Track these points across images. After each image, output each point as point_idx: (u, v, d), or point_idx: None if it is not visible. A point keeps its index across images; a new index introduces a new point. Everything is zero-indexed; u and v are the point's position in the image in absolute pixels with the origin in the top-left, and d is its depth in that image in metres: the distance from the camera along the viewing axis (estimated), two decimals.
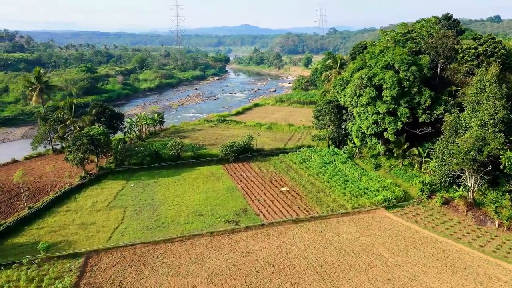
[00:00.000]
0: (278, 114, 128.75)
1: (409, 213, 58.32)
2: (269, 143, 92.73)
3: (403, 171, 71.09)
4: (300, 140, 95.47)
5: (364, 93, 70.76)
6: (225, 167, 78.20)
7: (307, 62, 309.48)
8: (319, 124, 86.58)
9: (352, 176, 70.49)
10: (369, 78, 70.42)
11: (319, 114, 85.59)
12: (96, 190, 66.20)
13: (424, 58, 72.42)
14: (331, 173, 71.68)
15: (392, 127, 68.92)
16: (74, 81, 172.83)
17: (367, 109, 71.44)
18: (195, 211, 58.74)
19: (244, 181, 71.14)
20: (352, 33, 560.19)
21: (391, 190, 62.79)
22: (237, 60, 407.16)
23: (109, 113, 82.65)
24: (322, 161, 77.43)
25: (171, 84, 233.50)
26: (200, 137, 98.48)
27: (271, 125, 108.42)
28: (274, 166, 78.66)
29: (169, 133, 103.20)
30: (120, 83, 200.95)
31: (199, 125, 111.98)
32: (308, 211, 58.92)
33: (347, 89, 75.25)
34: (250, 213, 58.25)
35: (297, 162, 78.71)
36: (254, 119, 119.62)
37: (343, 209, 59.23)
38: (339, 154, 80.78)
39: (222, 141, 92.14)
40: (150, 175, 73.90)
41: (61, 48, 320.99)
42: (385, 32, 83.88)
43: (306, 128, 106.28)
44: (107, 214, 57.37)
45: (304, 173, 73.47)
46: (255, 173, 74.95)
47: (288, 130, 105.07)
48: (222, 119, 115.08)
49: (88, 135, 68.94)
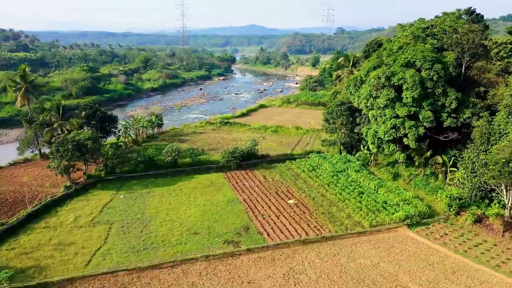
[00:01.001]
0: (285, 116, 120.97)
1: (435, 232, 50.32)
2: (275, 148, 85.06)
3: (425, 182, 63.05)
4: (308, 145, 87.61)
5: (382, 94, 62.84)
6: (226, 175, 70.67)
7: (315, 62, 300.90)
8: (329, 128, 78.71)
9: (368, 187, 62.58)
10: (387, 78, 62.48)
11: (329, 117, 77.73)
12: (81, 202, 58.92)
13: (449, 55, 64.33)
14: (344, 183, 63.84)
15: (413, 133, 60.89)
16: (74, 81, 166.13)
17: (384, 112, 63.49)
18: (190, 228, 51.23)
19: (247, 191, 63.52)
20: (360, 32, 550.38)
21: (413, 205, 54.80)
22: (243, 60, 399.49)
23: (100, 116, 75.35)
24: (334, 169, 69.61)
25: (175, 84, 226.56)
26: (201, 141, 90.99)
27: (277, 128, 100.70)
28: (281, 174, 70.95)
29: (168, 136, 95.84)
30: (122, 83, 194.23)
31: (201, 127, 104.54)
32: (319, 229, 51.13)
33: (362, 90, 67.36)
34: (253, 232, 50.60)
35: (305, 170, 70.94)
36: (260, 121, 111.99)
37: (359, 227, 51.38)
38: (352, 161, 72.86)
39: (224, 146, 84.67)
40: (143, 184, 66.52)
41: (65, 47, 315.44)
42: (403, 27, 75.91)
43: (315, 131, 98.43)
44: (90, 232, 50.01)
45: (313, 183, 65.71)
46: (259, 183, 67.29)
47: (295, 133, 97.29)
48: (225, 122, 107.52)
49: (74, 140, 61.76)
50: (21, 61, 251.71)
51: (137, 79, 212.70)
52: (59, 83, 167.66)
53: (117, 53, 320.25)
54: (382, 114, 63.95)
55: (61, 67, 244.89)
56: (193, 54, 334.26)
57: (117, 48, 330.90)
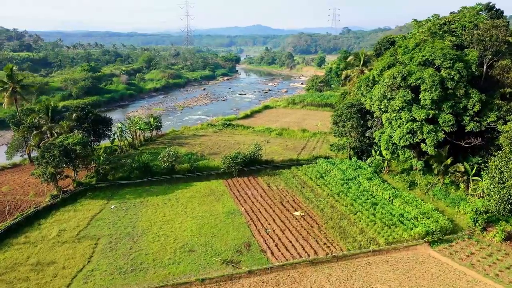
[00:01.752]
0: (290, 117, 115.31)
1: (460, 251, 44.52)
2: (280, 152, 79.47)
3: (445, 192, 57.17)
4: (315, 149, 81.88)
5: (397, 95, 57.06)
6: (227, 183, 65.18)
7: (320, 62, 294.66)
8: (338, 132, 72.99)
9: (382, 198, 56.88)
10: (403, 77, 56.69)
11: (339, 120, 72.05)
12: (68, 213, 53.62)
13: (471, 53, 58.45)
14: (355, 192, 58.13)
15: (432, 138, 55.02)
16: (74, 81, 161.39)
17: (400, 115, 57.69)
18: (185, 245, 45.76)
19: (249, 201, 57.96)
20: (366, 32, 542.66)
21: (433, 219, 49.01)
22: (248, 60, 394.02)
23: (93, 118, 70.06)
24: (343, 176, 63.96)
25: (179, 84, 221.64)
26: (202, 144, 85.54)
27: (282, 131, 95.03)
28: (286, 182, 65.34)
29: (167, 139, 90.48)
30: (124, 83, 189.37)
31: (202, 130, 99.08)
32: (329, 247, 45.48)
33: (375, 91, 61.62)
34: (255, 249, 45.05)
35: (313, 177, 65.32)
36: (264, 123, 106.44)
37: (374, 244, 45.66)
38: (363, 168, 67.14)
39: (226, 150, 79.26)
40: (137, 192, 61.17)
41: (68, 47, 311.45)
42: (418, 23, 70.03)
43: (322, 134, 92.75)
44: (74, 249, 44.70)
45: (322, 192, 60.06)
46: (262, 191, 61.73)
47: (301, 136, 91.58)
48: (228, 123, 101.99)
49: (61, 145, 56.53)
50: (23, 61, 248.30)
51: (140, 79, 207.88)
52: (59, 83, 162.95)
53: (120, 53, 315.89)
54: (397, 117, 58.17)
55: (63, 67, 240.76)
56: (197, 54, 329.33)
57: (121, 48, 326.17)
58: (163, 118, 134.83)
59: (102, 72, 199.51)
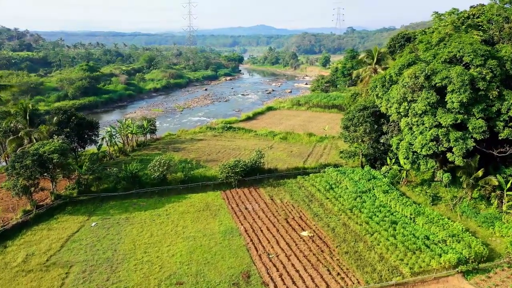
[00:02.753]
0: (295, 120, 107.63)
1: (501, 285, 36.81)
2: (284, 159, 71.90)
3: (474, 208, 49.43)
4: (323, 156, 74.23)
5: (420, 97, 49.35)
6: (225, 195, 57.70)
7: (325, 62, 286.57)
8: (349, 137, 65.35)
9: (402, 215, 49.20)
10: (426, 77, 48.97)
11: (350, 124, 64.44)
12: (40, 233, 46.29)
13: (504, 49, 50.64)
14: (370, 208, 50.51)
15: (460, 147, 47.24)
16: (71, 80, 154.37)
17: (423, 119, 50.00)
18: (172, 274, 38.29)
19: (250, 218, 50.46)
20: (371, 32, 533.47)
21: (465, 243, 41.27)
22: (251, 60, 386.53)
23: (77, 122, 62.70)
24: (356, 188, 56.35)
25: (180, 84, 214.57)
26: (199, 150, 78.06)
27: (286, 135, 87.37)
28: (291, 194, 57.77)
29: (163, 144, 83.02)
30: (123, 83, 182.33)
31: (200, 133, 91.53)
32: (344, 279, 37.86)
33: (393, 92, 53.92)
34: (255, 281, 37.46)
35: (321, 189, 57.74)
36: (267, 126, 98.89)
37: (398, 275, 38.04)
38: (377, 178, 59.53)
39: (225, 156, 71.83)
40: (123, 206, 53.78)
41: (68, 47, 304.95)
42: (440, 16, 62.23)
43: (330, 139, 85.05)
44: (39, 280, 37.32)
45: (332, 207, 52.49)
46: (264, 205, 54.21)
47: (307, 141, 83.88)
48: (228, 127, 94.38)
49: (36, 153, 49.22)
50: (22, 61, 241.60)
51: (140, 79, 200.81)
52: (55, 83, 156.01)
53: (122, 52, 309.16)
54: (419, 122, 50.46)
55: (63, 67, 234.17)
56: (200, 54, 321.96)
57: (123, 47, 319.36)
58: (161, 120, 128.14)
59: (101, 71, 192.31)
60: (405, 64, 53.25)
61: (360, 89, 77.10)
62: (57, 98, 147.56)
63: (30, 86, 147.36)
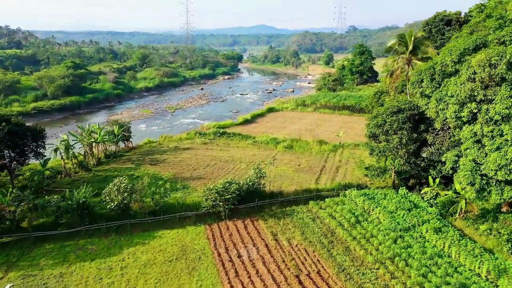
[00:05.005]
0: (301, 123, 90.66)
1: None
2: (290, 175, 55.06)
3: None
4: (339, 171, 57.30)
5: (498, 95, 32.55)
6: (211, 232, 40.78)
7: (328, 60, 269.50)
8: (378, 149, 48.44)
9: (471, 271, 32.32)
10: (509, 65, 32.21)
11: (379, 132, 47.54)
12: None
13: None
14: (420, 259, 33.62)
15: None
16: (51, 78, 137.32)
17: (501, 128, 33.23)
18: None
19: (244, 275, 33.54)
20: (373, 31, 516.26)
21: None
22: (251, 58, 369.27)
23: (8, 129, 45.78)
24: (394, 224, 39.38)
25: (174, 84, 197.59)
26: (183, 162, 61.12)
27: (292, 142, 70.29)
28: (303, 230, 40.82)
29: (138, 154, 65.95)
30: (111, 81, 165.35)
31: (187, 140, 74.31)
32: None
33: (450, 88, 37.04)
34: None
35: (344, 223, 40.91)
36: (268, 131, 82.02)
37: None
38: (421, 207, 42.68)
39: (215, 171, 55.12)
40: (62, 252, 36.86)
41: (59, 44, 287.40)
42: None
43: (346, 147, 68.18)
44: None
45: (363, 254, 35.64)
46: (266, 250, 37.32)
47: (318, 151, 66.86)
48: (221, 132, 77.27)
49: None
50: (9, 58, 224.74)
51: (131, 77, 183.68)
52: (33, 81, 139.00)
53: (116, 50, 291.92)
54: (495, 132, 33.64)
55: (52, 65, 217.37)
56: (198, 52, 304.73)
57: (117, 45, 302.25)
58: (149, 122, 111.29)
59: (88, 69, 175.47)
60: (469, 47, 36.34)
61: (387, 86, 60.26)
62: (35, 98, 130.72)
63: (5, 84, 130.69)
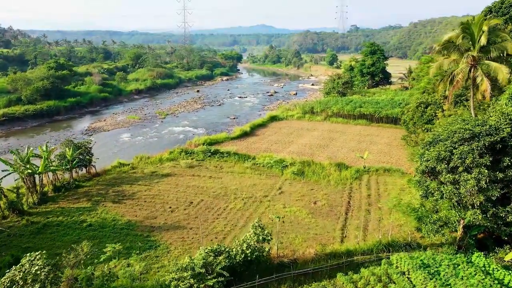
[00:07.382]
0: (311, 136, 73.98)
1: None
2: (304, 222, 38.51)
3: None
4: (371, 213, 40.68)
5: None
6: None
7: (332, 60, 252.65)
8: (438, 193, 31.80)
9: None
10: None
11: (442, 167, 30.91)
12: None
13: None
14: None
15: None
16: (27, 80, 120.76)
17: None
18: None
19: None
20: (376, 30, 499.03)
21: None
22: (251, 58, 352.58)
23: None
24: None
25: (169, 85, 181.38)
26: (157, 198, 44.50)
27: (303, 167, 53.43)
28: None
29: (102, 185, 49.18)
30: (97, 83, 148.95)
31: (169, 162, 57.39)
32: None
33: None
34: None
35: None
36: (271, 147, 65.50)
37: None
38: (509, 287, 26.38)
39: (202, 212, 38.60)
40: None
41: (49, 43, 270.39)
42: None
43: (373, 172, 51.63)
44: None
45: None
46: None
47: (337, 178, 49.97)
48: (213, 151, 60.57)
49: None
50: None
51: (121, 79, 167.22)
52: (6, 83, 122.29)
53: (110, 50, 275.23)
54: None
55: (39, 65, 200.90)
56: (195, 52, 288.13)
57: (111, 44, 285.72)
58: (134, 131, 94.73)
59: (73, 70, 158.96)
60: None
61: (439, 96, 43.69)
62: (8, 102, 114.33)
63: None
